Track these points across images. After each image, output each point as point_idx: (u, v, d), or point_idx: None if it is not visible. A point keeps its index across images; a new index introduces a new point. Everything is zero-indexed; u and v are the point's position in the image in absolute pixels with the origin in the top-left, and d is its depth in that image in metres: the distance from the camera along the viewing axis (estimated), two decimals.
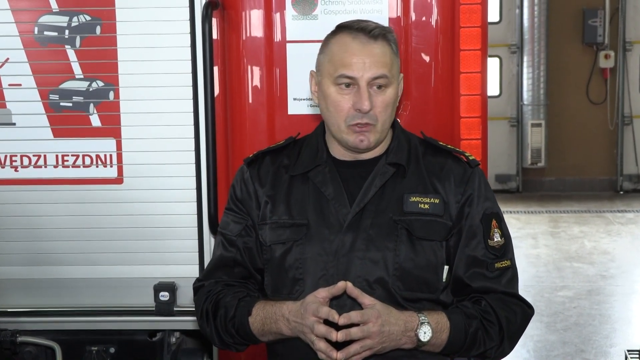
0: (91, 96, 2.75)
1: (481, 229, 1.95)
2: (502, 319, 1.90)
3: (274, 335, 1.89)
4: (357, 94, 1.87)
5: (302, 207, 1.95)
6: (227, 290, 1.97)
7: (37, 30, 2.76)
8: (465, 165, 1.99)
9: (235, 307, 1.92)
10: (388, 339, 1.79)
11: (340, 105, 1.89)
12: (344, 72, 1.87)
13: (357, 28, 1.90)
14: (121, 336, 2.86)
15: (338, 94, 1.89)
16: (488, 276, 1.93)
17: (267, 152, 2.05)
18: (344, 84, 1.88)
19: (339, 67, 1.88)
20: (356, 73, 1.87)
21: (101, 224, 2.79)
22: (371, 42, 1.88)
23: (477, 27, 2.65)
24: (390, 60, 1.90)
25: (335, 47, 1.91)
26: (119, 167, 2.77)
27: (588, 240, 7.79)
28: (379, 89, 1.89)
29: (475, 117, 2.67)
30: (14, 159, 2.79)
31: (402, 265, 1.89)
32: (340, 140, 1.94)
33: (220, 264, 2.03)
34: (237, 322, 1.91)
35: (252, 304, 1.91)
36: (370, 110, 1.87)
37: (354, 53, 1.88)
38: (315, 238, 1.91)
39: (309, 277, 1.90)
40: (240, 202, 2.02)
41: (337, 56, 1.89)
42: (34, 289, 2.82)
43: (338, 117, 1.90)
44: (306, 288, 1.88)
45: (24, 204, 2.80)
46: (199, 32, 2.66)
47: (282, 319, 1.85)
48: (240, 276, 2.01)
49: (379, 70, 1.87)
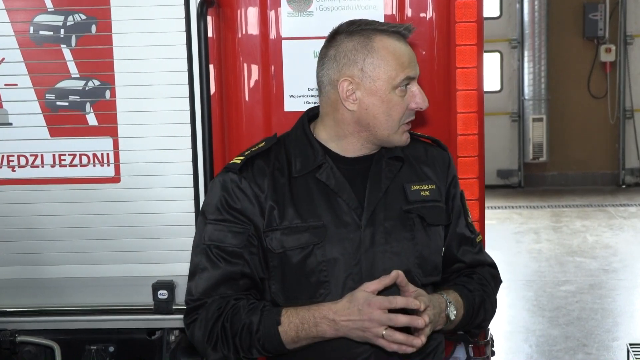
0: (87, 95, 2.75)
1: (461, 208, 2.08)
2: (495, 289, 2.07)
3: (311, 339, 1.83)
4: (417, 93, 1.90)
5: (311, 209, 1.92)
6: (240, 305, 1.87)
7: (33, 30, 2.75)
8: (440, 149, 2.09)
9: (259, 322, 1.83)
10: (434, 322, 1.83)
11: (402, 107, 1.90)
12: (408, 74, 1.90)
13: (391, 30, 1.92)
14: (120, 335, 2.86)
15: (400, 96, 1.90)
16: (474, 251, 2.08)
17: (254, 156, 1.98)
18: (403, 85, 1.90)
19: (400, 70, 1.88)
20: (414, 72, 1.91)
21: (99, 223, 2.79)
22: (405, 42, 1.93)
23: (472, 22, 2.64)
24: None
25: (385, 52, 1.88)
26: (116, 166, 2.77)
27: (590, 234, 7.78)
28: None
29: (471, 112, 2.67)
30: (10, 158, 2.78)
31: (421, 253, 1.97)
32: (390, 141, 1.95)
33: (223, 279, 1.90)
34: (263, 336, 1.83)
35: (278, 314, 1.83)
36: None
37: (405, 52, 1.91)
38: (335, 238, 1.90)
39: (334, 278, 1.89)
40: (238, 212, 1.92)
41: (395, 60, 1.89)
42: (33, 288, 2.82)
43: (395, 117, 1.91)
44: (332, 289, 1.88)
45: (21, 203, 2.80)
46: (195, 30, 2.65)
47: (325, 320, 1.79)
48: (244, 288, 1.91)
49: (417, 66, 1.94)
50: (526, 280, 6.26)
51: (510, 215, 8.47)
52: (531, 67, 9.65)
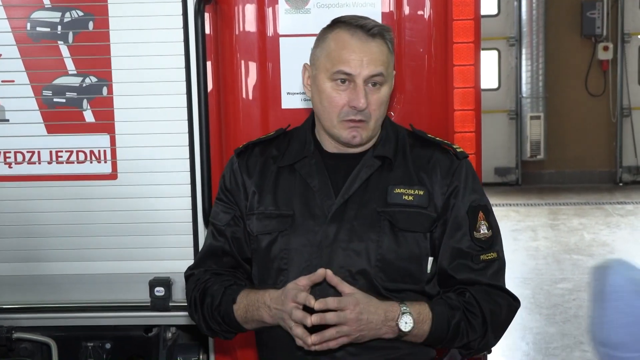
0: (84, 92, 2.74)
1: (467, 221, 1.95)
2: (486, 311, 1.89)
3: (256, 322, 1.91)
4: (353, 91, 1.88)
5: (288, 198, 1.96)
6: (214, 279, 1.99)
7: (30, 26, 2.74)
8: (453, 157, 2.00)
9: (221, 295, 1.94)
10: (367, 327, 1.79)
11: (335, 100, 1.90)
12: (342, 69, 1.88)
13: (357, 25, 1.90)
14: (117, 332, 2.86)
15: (333, 89, 1.90)
16: (473, 268, 1.93)
17: (256, 143, 2.08)
18: (339, 80, 1.89)
19: (336, 63, 1.88)
20: (354, 70, 1.87)
21: (96, 219, 2.78)
22: (369, 40, 1.89)
23: (470, 20, 2.64)
24: (387, 59, 1.92)
25: (333, 43, 1.91)
26: (113, 163, 2.76)
27: (587, 232, 7.79)
28: (374, 86, 1.90)
29: (469, 109, 2.66)
30: (7, 155, 2.78)
31: (384, 257, 1.90)
32: (333, 134, 1.95)
33: (209, 253, 2.05)
34: (222, 310, 1.94)
35: (237, 292, 1.93)
36: (364, 110, 1.88)
37: (352, 50, 1.88)
38: (300, 229, 1.93)
39: (293, 267, 1.91)
40: (229, 192, 2.04)
41: (335, 52, 1.90)
42: (29, 285, 2.82)
43: (332, 112, 1.91)
44: (290, 278, 1.88)
45: (17, 200, 2.79)
46: (192, 27, 2.65)
47: (264, 306, 1.86)
48: (229, 265, 2.03)
49: (377, 68, 1.88)
50: (523, 277, 6.27)
51: (508, 213, 8.48)
52: (529, 65, 9.66)
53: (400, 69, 2.67)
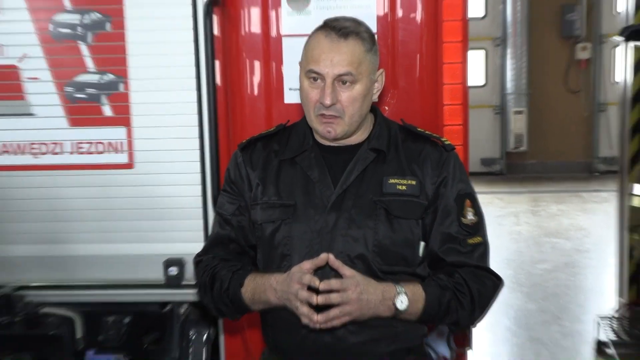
0: (103, 88, 2.73)
1: (455, 208, 1.93)
2: (474, 290, 1.89)
3: (263, 304, 1.90)
4: (322, 88, 1.86)
5: (290, 189, 1.95)
6: (223, 265, 1.98)
7: (52, 28, 2.73)
8: (442, 149, 1.98)
9: (230, 280, 1.93)
10: (366, 306, 1.79)
11: (310, 96, 1.88)
12: (312, 68, 1.86)
13: (331, 26, 1.87)
14: (135, 307, 2.86)
15: (309, 86, 1.89)
16: (461, 251, 1.92)
17: (259, 138, 2.06)
18: (312, 78, 1.87)
19: (309, 62, 1.87)
20: (322, 69, 1.85)
21: (114, 205, 2.78)
22: (341, 41, 1.85)
23: (458, 21, 2.61)
24: (359, 58, 1.86)
25: (310, 44, 1.90)
26: (130, 153, 2.75)
27: (565, 217, 7.79)
28: (344, 84, 1.86)
29: (457, 104, 2.64)
30: (33, 146, 2.77)
31: (380, 242, 1.89)
32: (313, 128, 1.94)
33: (216, 241, 2.04)
34: (231, 293, 1.93)
35: (244, 277, 1.92)
36: (333, 104, 1.85)
37: (323, 50, 1.85)
38: (302, 217, 1.91)
39: (296, 253, 1.90)
40: (234, 184, 2.03)
41: (310, 52, 1.88)
42: (55, 265, 2.81)
43: (309, 107, 1.90)
44: (293, 263, 1.87)
45: (43, 188, 2.78)
46: (201, 28, 2.63)
47: (270, 288, 1.85)
48: (235, 252, 2.02)
49: (345, 68, 1.84)
50: (506, 259, 6.27)
51: (493, 200, 8.47)
52: (513, 63, 9.62)
53: (393, 66, 2.65)
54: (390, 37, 2.65)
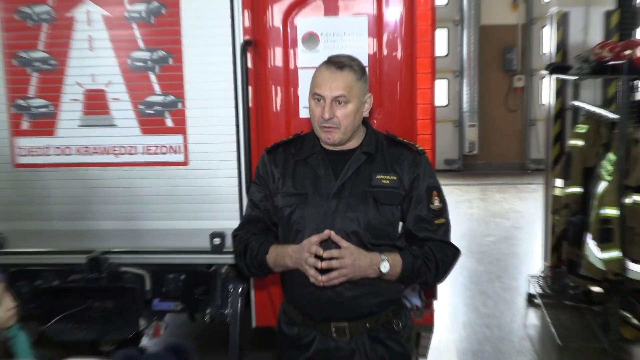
0: (166, 106, 2.74)
1: (425, 197, 1.91)
2: (438, 258, 1.88)
3: (282, 267, 1.89)
4: (324, 107, 1.85)
5: (302, 182, 1.93)
6: (253, 238, 1.96)
7: (130, 62, 2.74)
8: (415, 153, 1.96)
9: (258, 249, 1.91)
10: (358, 270, 1.79)
11: (315, 112, 1.88)
12: (316, 91, 1.86)
13: (331, 61, 1.87)
14: (189, 268, 2.87)
15: (314, 105, 1.88)
16: (429, 229, 1.90)
17: (280, 144, 2.02)
18: (317, 99, 1.86)
19: (314, 87, 1.87)
20: (323, 92, 1.84)
21: (174, 192, 2.79)
22: (337, 72, 1.84)
23: (428, 58, 2.60)
24: (350, 84, 1.85)
25: (316, 73, 1.89)
26: (185, 154, 2.76)
27: (506, 203, 7.76)
28: (339, 104, 1.85)
29: (427, 119, 2.63)
30: (115, 148, 2.79)
31: (369, 222, 1.87)
32: (318, 136, 1.92)
33: (248, 221, 2.00)
34: (259, 259, 1.91)
35: (268, 247, 1.90)
36: (331, 118, 1.85)
37: (324, 79, 1.85)
38: (311, 203, 1.89)
39: (307, 229, 1.88)
40: (262, 178, 2.00)
41: (315, 80, 1.87)
42: (131, 236, 2.83)
43: (314, 120, 1.89)
44: (305, 237, 1.86)
45: (121, 179, 2.80)
46: (239, 62, 2.64)
47: (287, 256, 1.84)
48: (262, 228, 1.98)
49: (340, 91, 1.84)
50: (462, 234, 6.26)
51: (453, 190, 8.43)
52: (468, 90, 9.58)
53: (380, 91, 2.65)
54: (378, 70, 2.66)
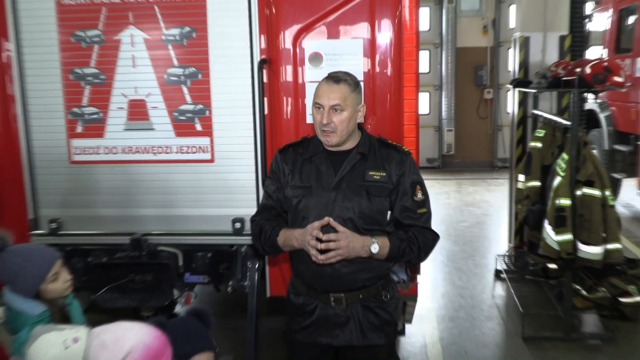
0: (196, 113, 2.67)
1: (410, 190, 1.88)
2: (420, 242, 1.83)
3: (290, 247, 1.85)
4: (323, 114, 1.81)
5: (308, 177, 1.88)
6: (267, 222, 1.92)
7: (166, 76, 2.67)
8: (402, 153, 1.91)
9: (270, 232, 1.88)
10: (352, 251, 1.74)
11: (316, 118, 1.83)
12: (317, 101, 1.82)
13: (330, 76, 1.83)
14: (214, 247, 2.81)
15: (315, 112, 1.83)
16: (413, 217, 1.86)
17: (290, 145, 1.98)
18: (317, 107, 1.82)
19: (316, 98, 1.82)
20: (323, 102, 1.80)
21: (202, 185, 2.72)
22: (334, 85, 1.80)
23: (413, 74, 2.53)
24: (345, 95, 1.80)
25: (317, 86, 1.85)
26: (212, 153, 2.69)
27: (477, 194, 7.64)
28: (336, 111, 1.81)
29: (412, 124, 2.56)
30: (153, 148, 2.72)
31: (363, 211, 1.82)
32: (320, 139, 1.86)
33: (264, 208, 1.97)
34: (271, 240, 1.87)
35: (279, 230, 1.87)
36: (329, 124, 1.80)
37: (324, 90, 1.81)
38: (315, 194, 1.85)
39: (310, 216, 1.83)
40: (275, 173, 1.96)
41: (316, 91, 1.83)
42: (166, 220, 2.77)
43: (315, 125, 1.85)
44: (308, 222, 1.81)
45: (159, 173, 2.74)
46: (256, 77, 2.57)
47: (294, 238, 1.81)
48: (275, 215, 1.95)
49: (335, 101, 1.79)
50: (441, 220, 6.16)
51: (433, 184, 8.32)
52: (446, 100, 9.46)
53: (373, 101, 2.56)
54: (371, 84, 2.57)
